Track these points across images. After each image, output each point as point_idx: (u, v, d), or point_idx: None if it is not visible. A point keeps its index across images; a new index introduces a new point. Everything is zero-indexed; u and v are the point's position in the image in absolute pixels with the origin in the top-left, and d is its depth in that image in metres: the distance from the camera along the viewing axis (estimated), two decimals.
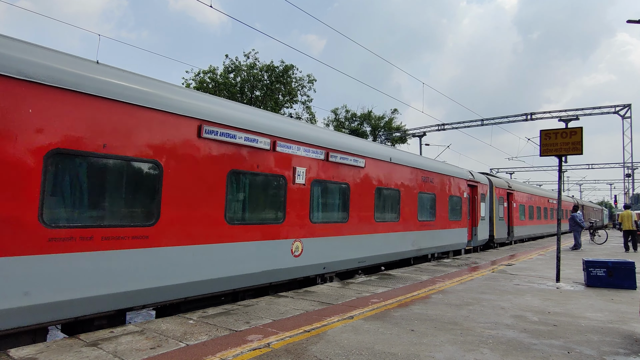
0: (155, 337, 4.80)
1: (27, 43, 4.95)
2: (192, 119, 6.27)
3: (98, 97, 5.22)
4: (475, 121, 32.04)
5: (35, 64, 4.71)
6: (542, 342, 4.86)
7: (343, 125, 42.61)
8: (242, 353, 4.32)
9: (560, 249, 9.45)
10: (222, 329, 5.20)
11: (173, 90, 6.32)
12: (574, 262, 13.19)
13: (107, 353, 4.24)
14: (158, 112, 5.84)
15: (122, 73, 5.75)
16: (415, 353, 4.41)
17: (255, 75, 30.52)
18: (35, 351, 4.25)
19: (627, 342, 4.96)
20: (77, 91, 5.02)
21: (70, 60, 5.20)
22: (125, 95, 5.50)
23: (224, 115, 6.79)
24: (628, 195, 32.34)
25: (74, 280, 4.88)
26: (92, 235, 5.05)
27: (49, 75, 4.80)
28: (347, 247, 9.60)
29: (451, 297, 7.55)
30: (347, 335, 5.03)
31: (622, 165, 31.76)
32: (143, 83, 5.90)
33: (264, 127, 7.49)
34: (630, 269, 8.80)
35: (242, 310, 6.23)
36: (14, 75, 4.50)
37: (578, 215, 18.22)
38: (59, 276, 4.75)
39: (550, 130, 9.17)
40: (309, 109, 33.72)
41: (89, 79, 5.18)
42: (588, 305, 7.09)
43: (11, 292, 4.40)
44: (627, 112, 28.61)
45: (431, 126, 34.41)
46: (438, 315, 6.09)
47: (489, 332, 5.28)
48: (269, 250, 7.52)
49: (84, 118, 5.07)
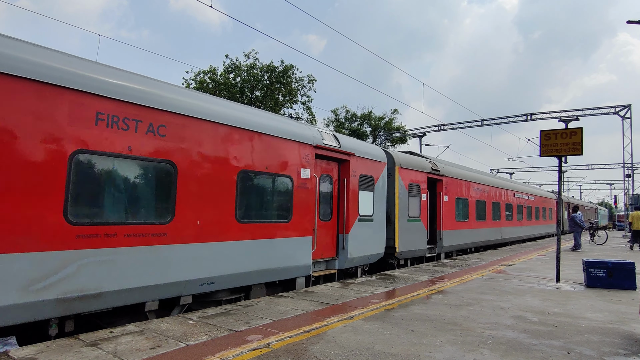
0: (155, 337, 4.80)
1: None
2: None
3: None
4: (476, 121, 32.02)
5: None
6: (542, 343, 4.86)
7: (343, 126, 42.61)
8: (242, 353, 4.32)
9: (560, 250, 9.45)
10: (222, 329, 5.20)
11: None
12: (574, 263, 13.19)
13: (107, 353, 4.24)
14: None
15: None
16: (415, 353, 4.41)
17: (255, 75, 30.53)
18: (35, 351, 4.25)
19: (627, 342, 4.96)
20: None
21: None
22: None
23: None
24: (628, 196, 32.32)
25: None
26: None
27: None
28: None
29: (451, 297, 7.55)
30: (347, 335, 5.03)
31: (622, 165, 31.77)
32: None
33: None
34: (630, 270, 8.80)
35: (242, 311, 6.23)
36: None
37: (578, 216, 18.24)
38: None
39: (550, 131, 9.17)
40: (309, 109, 33.76)
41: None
42: (588, 305, 7.09)
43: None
44: (627, 113, 28.60)
45: (431, 126, 34.34)
46: (438, 316, 6.09)
47: (488, 332, 5.28)
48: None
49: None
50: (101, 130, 5.29)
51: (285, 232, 7.97)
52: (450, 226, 15.47)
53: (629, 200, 31.94)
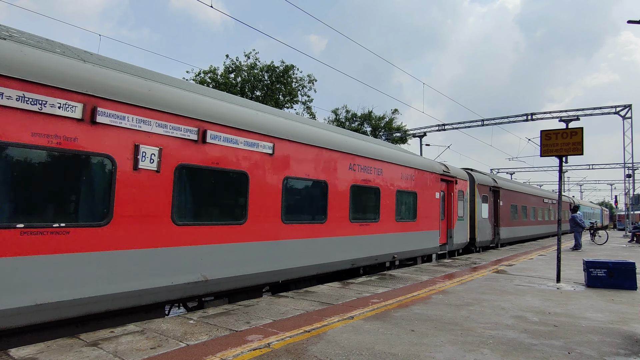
0: (155, 337, 4.81)
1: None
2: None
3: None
4: (476, 121, 31.96)
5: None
6: (542, 343, 4.86)
7: (343, 126, 42.59)
8: (242, 353, 4.32)
9: (561, 250, 9.44)
10: (223, 329, 5.20)
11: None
12: (574, 263, 13.18)
13: (107, 353, 4.24)
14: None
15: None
16: (416, 353, 4.40)
17: (256, 75, 30.54)
18: (35, 351, 4.25)
19: (628, 342, 4.95)
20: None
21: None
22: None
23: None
24: (628, 196, 32.28)
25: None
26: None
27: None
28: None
29: (451, 297, 7.55)
30: (347, 335, 5.03)
31: (623, 165, 31.73)
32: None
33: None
34: (630, 270, 8.79)
35: (242, 311, 6.24)
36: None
37: (578, 216, 18.24)
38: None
39: (550, 131, 9.17)
40: (309, 109, 33.76)
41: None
42: (588, 305, 7.08)
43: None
44: (627, 113, 28.54)
45: (432, 126, 34.32)
46: (438, 316, 6.09)
47: (489, 332, 5.28)
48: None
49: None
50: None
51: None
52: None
53: (629, 200, 31.90)
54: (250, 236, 7.15)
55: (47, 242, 4.69)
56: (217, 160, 6.59)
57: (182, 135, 6.09)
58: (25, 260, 4.51)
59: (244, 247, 7.05)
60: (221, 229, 6.67)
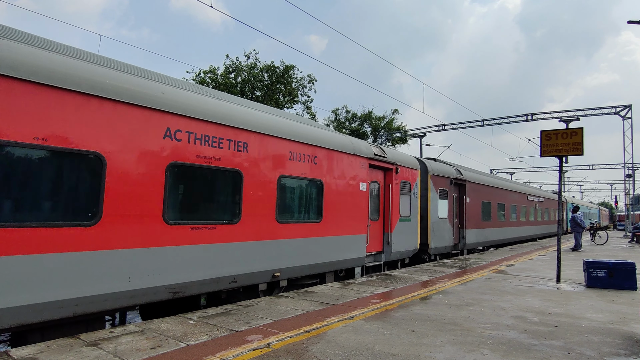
0: (155, 337, 4.81)
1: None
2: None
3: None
4: (476, 121, 31.97)
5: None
6: (542, 343, 4.86)
7: (343, 126, 42.60)
8: (242, 353, 4.32)
9: (561, 250, 9.44)
10: (222, 329, 5.20)
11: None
12: (574, 263, 13.18)
13: (107, 353, 4.24)
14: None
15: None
16: (416, 353, 4.40)
17: (256, 75, 30.54)
18: (35, 351, 4.25)
19: (628, 343, 4.95)
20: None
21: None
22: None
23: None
24: (628, 196, 32.29)
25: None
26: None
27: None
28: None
29: (451, 297, 7.55)
30: (347, 335, 5.03)
31: (623, 166, 31.74)
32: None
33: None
34: (630, 270, 8.79)
35: (242, 311, 6.24)
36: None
37: (579, 216, 18.25)
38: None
39: (550, 131, 9.17)
40: (309, 109, 33.76)
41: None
42: (588, 306, 7.08)
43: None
44: (627, 113, 28.55)
45: (432, 126, 34.30)
46: (438, 316, 6.09)
47: (489, 332, 5.28)
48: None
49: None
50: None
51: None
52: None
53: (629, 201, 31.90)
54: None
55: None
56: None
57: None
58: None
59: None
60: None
